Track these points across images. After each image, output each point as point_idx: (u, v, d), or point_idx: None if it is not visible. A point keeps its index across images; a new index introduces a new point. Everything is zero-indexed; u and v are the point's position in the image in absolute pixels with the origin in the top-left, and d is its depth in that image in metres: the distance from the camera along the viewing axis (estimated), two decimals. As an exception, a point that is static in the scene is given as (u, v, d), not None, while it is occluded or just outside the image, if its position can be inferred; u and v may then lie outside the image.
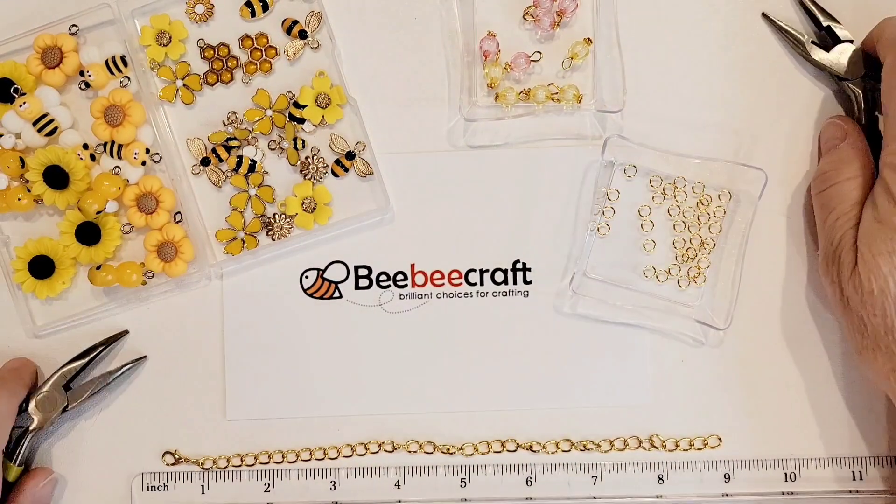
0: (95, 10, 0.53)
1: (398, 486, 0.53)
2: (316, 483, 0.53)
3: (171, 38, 0.53)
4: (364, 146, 0.53)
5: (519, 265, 0.54)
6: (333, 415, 0.54)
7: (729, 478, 0.53)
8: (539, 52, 0.54)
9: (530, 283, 0.54)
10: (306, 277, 0.54)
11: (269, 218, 0.53)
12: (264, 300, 0.54)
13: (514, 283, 0.54)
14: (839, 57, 0.53)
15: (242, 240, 0.53)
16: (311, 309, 0.54)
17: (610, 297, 0.53)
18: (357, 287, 0.54)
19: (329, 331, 0.54)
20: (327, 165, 0.54)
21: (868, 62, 0.52)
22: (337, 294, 0.54)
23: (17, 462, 0.51)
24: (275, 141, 0.54)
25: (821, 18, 0.53)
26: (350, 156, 0.53)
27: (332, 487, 0.53)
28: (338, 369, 0.54)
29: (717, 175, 0.53)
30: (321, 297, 0.54)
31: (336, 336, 0.54)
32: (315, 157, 0.54)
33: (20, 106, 0.52)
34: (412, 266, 0.54)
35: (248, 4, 0.54)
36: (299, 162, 0.54)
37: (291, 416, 0.54)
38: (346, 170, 0.54)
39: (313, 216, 0.53)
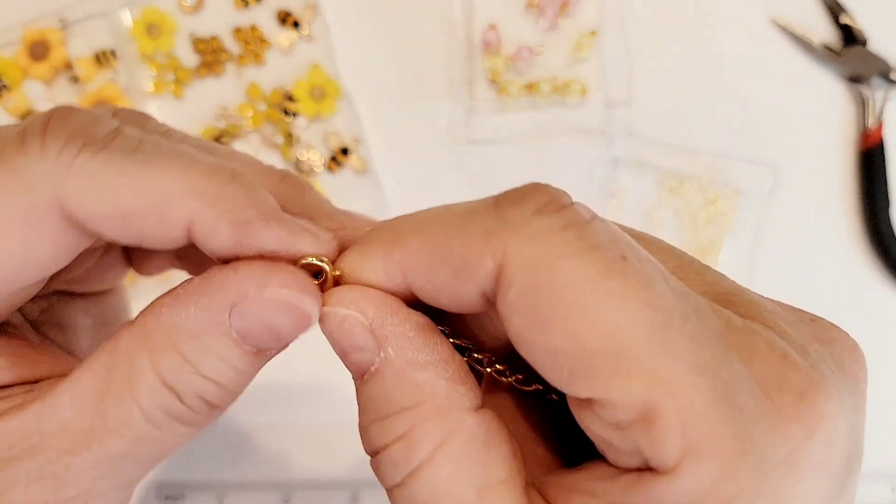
0: (84, 2, 0.52)
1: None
2: (336, 496, 0.52)
3: (161, 30, 0.52)
4: (360, 141, 0.52)
5: (520, 265, 0.53)
6: (334, 420, 0.52)
7: None
8: (542, 44, 0.53)
9: (532, 283, 0.52)
10: (302, 277, 0.53)
11: (262, 216, 0.52)
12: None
13: (516, 283, 0.52)
14: (850, 59, 0.52)
15: (235, 238, 0.52)
16: (307, 309, 0.53)
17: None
18: (354, 287, 0.53)
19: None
20: (322, 161, 0.53)
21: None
22: (333, 294, 0.53)
23: None
24: (268, 136, 0.53)
25: (839, 16, 0.53)
26: (345, 151, 0.52)
27: (353, 500, 0.52)
28: (338, 371, 0.52)
29: (726, 172, 0.52)
30: (317, 298, 0.53)
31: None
32: (309, 153, 0.53)
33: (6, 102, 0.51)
34: (410, 266, 0.53)
35: (241, -5, 0.53)
36: (293, 157, 0.52)
37: (295, 421, 0.52)
38: (341, 166, 0.52)
39: (307, 214, 0.52)
